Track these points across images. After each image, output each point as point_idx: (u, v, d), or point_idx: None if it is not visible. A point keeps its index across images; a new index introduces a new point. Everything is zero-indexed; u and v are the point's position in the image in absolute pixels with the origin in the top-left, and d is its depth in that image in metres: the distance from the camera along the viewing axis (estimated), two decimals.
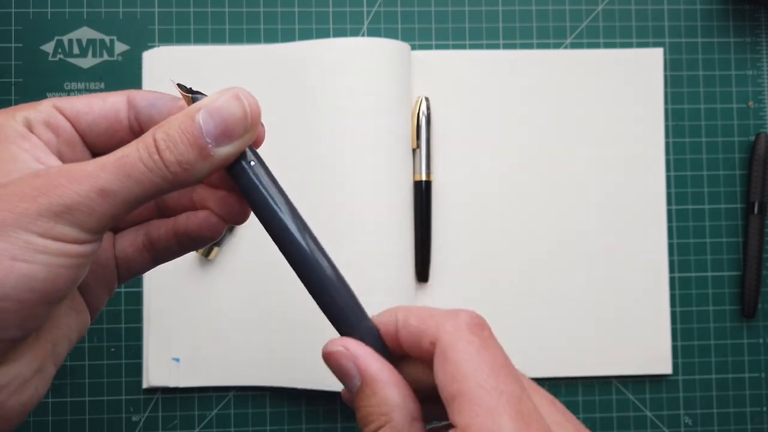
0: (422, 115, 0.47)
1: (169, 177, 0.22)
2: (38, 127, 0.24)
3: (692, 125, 0.50)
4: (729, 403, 0.49)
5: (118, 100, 0.26)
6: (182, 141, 0.22)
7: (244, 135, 0.23)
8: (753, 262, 0.49)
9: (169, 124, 0.23)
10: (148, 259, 0.28)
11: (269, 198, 0.24)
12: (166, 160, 0.22)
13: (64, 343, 0.25)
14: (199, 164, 0.23)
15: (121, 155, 0.22)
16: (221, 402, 0.48)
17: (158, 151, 0.22)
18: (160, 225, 0.28)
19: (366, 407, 0.23)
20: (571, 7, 0.50)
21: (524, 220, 0.49)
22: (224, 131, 0.23)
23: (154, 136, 0.22)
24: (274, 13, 0.50)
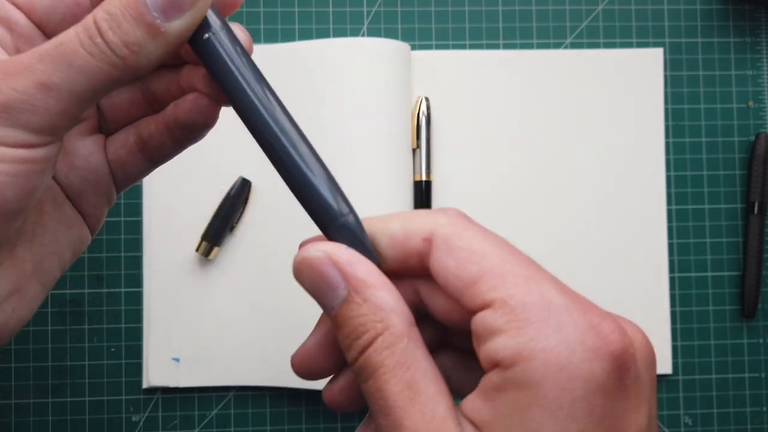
0: (422, 115, 0.47)
1: (117, 62, 0.19)
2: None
3: (692, 125, 0.50)
4: (729, 403, 0.49)
5: None
6: (126, 18, 0.19)
7: (195, 3, 0.20)
8: (753, 262, 0.49)
9: (110, 0, 0.19)
10: (143, 160, 0.25)
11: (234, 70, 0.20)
12: (110, 43, 0.19)
13: (52, 260, 0.23)
14: (150, 44, 0.19)
15: (60, 42, 0.19)
16: (221, 402, 0.48)
17: (100, 33, 0.19)
18: (150, 121, 0.25)
19: (355, 318, 0.19)
20: (571, 7, 0.50)
21: (524, 220, 0.49)
22: (171, 1, 0.19)
23: (95, 17, 0.19)
24: (274, 13, 0.50)
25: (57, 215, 0.23)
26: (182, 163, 0.48)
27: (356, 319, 0.19)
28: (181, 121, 0.24)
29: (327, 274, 0.19)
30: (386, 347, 0.18)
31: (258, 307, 0.47)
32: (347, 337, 0.19)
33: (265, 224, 0.47)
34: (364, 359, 0.18)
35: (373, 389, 0.18)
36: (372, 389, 0.18)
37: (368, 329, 0.18)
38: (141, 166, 0.25)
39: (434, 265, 0.19)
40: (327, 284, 0.19)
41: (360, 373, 0.19)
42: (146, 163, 0.25)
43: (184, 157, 0.48)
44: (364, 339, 0.19)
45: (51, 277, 0.23)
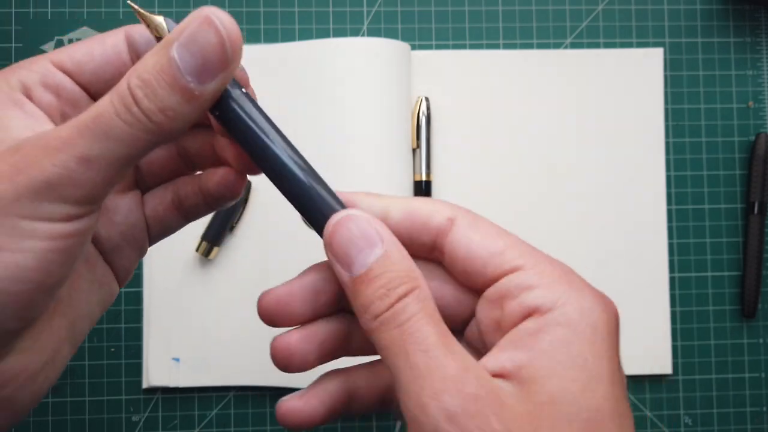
0: (422, 115, 0.47)
1: (153, 129, 0.19)
2: (36, 89, 0.21)
3: (692, 125, 0.50)
4: (729, 403, 0.49)
5: (117, 40, 0.23)
6: (161, 85, 0.19)
7: (228, 66, 0.20)
8: (753, 262, 0.49)
9: (144, 65, 0.20)
10: (178, 217, 0.26)
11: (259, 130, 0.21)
12: (146, 111, 0.19)
13: (84, 322, 0.23)
14: (185, 108, 0.20)
15: (97, 114, 0.19)
16: (221, 402, 0.48)
17: (136, 102, 0.19)
18: (187, 182, 0.26)
19: (392, 272, 0.20)
20: (571, 7, 0.50)
21: (524, 219, 0.49)
22: (204, 66, 0.19)
23: (129, 85, 0.19)
24: (274, 13, 0.50)
25: (89, 276, 0.23)
26: None
27: (393, 273, 0.20)
28: (210, 192, 0.25)
29: (368, 231, 0.21)
30: (423, 299, 0.20)
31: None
32: (382, 287, 0.20)
33: (265, 224, 0.47)
34: (402, 305, 0.19)
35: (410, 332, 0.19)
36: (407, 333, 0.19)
37: (404, 282, 0.20)
38: (176, 221, 0.26)
39: (458, 240, 0.21)
40: (367, 240, 0.20)
41: (392, 320, 0.19)
42: (181, 219, 0.26)
43: None
44: (402, 288, 0.20)
45: (81, 337, 0.23)
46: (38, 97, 0.21)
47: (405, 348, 0.19)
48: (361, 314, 0.20)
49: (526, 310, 0.20)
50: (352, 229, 0.21)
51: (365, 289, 0.20)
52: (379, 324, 0.20)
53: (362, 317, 0.20)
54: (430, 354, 0.19)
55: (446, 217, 0.22)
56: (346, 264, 0.21)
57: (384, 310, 0.20)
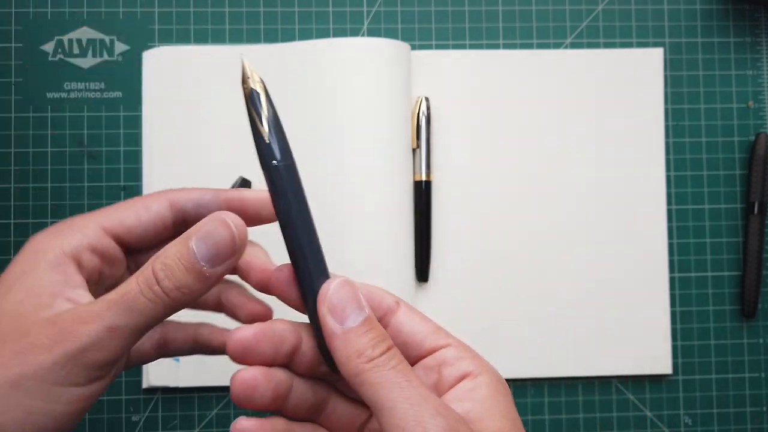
0: (422, 115, 0.47)
1: (169, 303, 0.24)
2: (85, 254, 0.26)
3: (692, 125, 0.50)
4: (729, 403, 0.49)
5: (161, 206, 0.27)
6: (179, 269, 0.24)
7: (234, 255, 0.25)
8: (753, 262, 0.49)
9: (167, 253, 0.24)
10: (158, 353, 0.30)
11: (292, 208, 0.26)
12: (165, 288, 0.24)
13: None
14: (197, 286, 0.24)
15: (124, 292, 0.24)
16: (221, 402, 0.48)
17: (158, 282, 0.24)
18: (177, 329, 0.30)
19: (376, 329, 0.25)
20: (571, 7, 0.50)
21: (524, 219, 0.49)
22: (216, 255, 0.24)
23: (154, 268, 0.24)
24: (274, 13, 0.50)
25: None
26: (182, 164, 0.48)
27: (378, 331, 0.25)
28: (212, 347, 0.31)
29: (358, 296, 0.25)
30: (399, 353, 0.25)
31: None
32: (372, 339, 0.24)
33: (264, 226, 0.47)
34: (392, 353, 0.24)
35: (403, 372, 0.24)
36: (401, 373, 0.24)
37: (386, 338, 0.25)
38: (154, 357, 0.30)
39: (402, 319, 0.27)
40: (357, 303, 0.25)
41: (386, 363, 0.24)
42: (156, 356, 0.30)
43: (185, 157, 0.48)
44: (388, 342, 0.24)
45: None
46: (86, 260, 0.26)
47: (400, 383, 0.23)
48: (352, 358, 0.24)
49: (461, 374, 0.26)
50: (348, 291, 0.25)
51: (358, 339, 0.24)
52: (374, 366, 0.24)
53: (352, 361, 0.24)
54: (421, 389, 0.23)
55: (394, 301, 0.27)
56: (340, 318, 0.24)
57: (378, 355, 0.24)
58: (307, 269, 0.26)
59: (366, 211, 0.46)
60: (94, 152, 0.48)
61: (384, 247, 0.45)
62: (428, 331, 0.27)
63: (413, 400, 0.23)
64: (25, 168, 0.48)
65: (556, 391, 0.49)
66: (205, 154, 0.47)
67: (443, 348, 0.26)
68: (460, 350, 0.26)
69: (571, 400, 0.49)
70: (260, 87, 0.28)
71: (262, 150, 0.26)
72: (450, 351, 0.26)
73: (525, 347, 0.48)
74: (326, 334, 0.25)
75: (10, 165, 0.48)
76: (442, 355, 0.26)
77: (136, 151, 0.48)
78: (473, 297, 0.48)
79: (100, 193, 0.48)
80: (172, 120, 0.48)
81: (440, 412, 0.23)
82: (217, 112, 0.48)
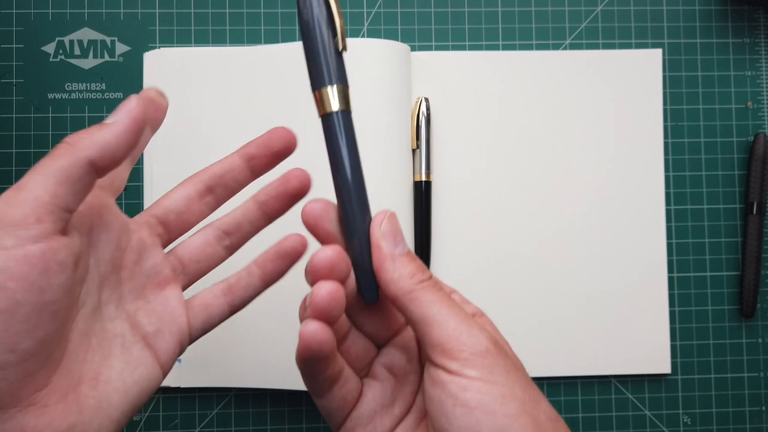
0: (422, 115, 0.48)
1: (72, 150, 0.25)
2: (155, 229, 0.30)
3: (691, 126, 0.51)
4: (728, 402, 0.49)
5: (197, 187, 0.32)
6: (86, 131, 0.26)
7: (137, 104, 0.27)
8: (752, 262, 0.49)
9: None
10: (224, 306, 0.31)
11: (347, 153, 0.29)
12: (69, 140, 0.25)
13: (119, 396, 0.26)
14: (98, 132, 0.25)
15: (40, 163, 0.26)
16: (222, 401, 0.48)
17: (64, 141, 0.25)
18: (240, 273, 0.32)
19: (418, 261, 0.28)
20: (570, 8, 0.51)
21: (524, 219, 0.49)
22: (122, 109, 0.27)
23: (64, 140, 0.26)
24: (275, 14, 0.50)
25: (124, 356, 0.27)
26: (183, 164, 0.48)
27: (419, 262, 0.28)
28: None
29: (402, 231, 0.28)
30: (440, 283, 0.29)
31: (259, 308, 0.47)
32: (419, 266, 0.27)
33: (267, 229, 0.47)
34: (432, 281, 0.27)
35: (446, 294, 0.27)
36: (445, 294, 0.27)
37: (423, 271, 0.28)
38: (220, 312, 0.31)
39: None
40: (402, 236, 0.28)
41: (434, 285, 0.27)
42: (225, 309, 0.31)
43: (185, 158, 0.48)
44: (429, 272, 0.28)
45: (117, 411, 0.26)
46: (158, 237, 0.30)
47: (448, 302, 0.27)
48: (405, 278, 0.27)
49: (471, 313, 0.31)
50: (397, 223, 0.28)
51: (409, 262, 0.27)
52: (424, 287, 0.27)
53: (404, 280, 0.27)
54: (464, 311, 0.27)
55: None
56: (394, 242, 0.28)
57: (427, 278, 0.27)
58: (356, 204, 0.28)
59: None
60: None
61: None
62: None
63: (461, 317, 0.26)
64: (26, 168, 0.48)
65: (555, 390, 0.49)
66: (205, 154, 0.48)
67: (452, 293, 0.30)
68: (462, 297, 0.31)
69: (570, 400, 0.49)
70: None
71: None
72: (457, 296, 0.31)
73: (524, 347, 0.48)
74: (381, 257, 0.27)
75: (12, 165, 0.48)
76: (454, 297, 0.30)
77: None
78: (473, 297, 0.48)
79: None
80: (172, 121, 0.48)
81: (482, 328, 0.26)
82: (218, 113, 0.48)
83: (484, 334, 0.26)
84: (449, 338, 0.26)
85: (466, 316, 0.26)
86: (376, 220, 0.28)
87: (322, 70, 0.28)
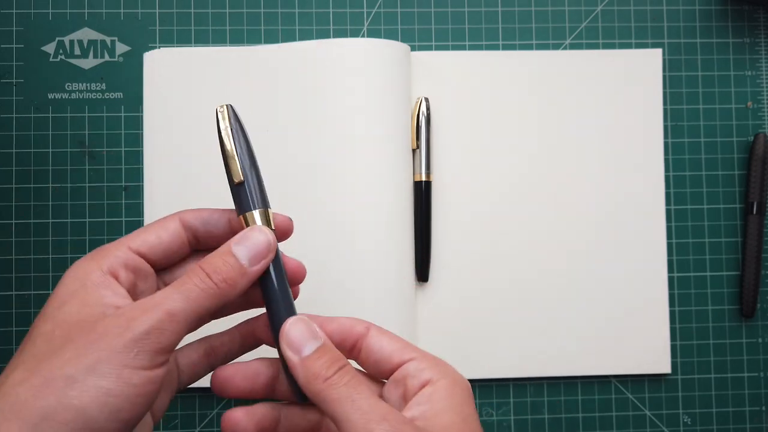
0: (422, 115, 0.48)
1: (218, 292, 0.28)
2: (121, 271, 0.29)
3: (691, 125, 0.51)
4: (728, 402, 0.49)
5: (175, 225, 0.31)
6: (224, 265, 0.29)
7: (268, 254, 0.30)
8: (752, 262, 0.49)
9: (212, 256, 0.29)
10: (206, 365, 0.33)
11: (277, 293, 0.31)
12: (215, 280, 0.28)
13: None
14: (240, 279, 0.29)
15: (180, 284, 0.28)
16: (222, 401, 0.48)
17: (208, 276, 0.28)
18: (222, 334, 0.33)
19: (329, 353, 0.29)
20: (570, 8, 0.51)
21: (524, 220, 0.49)
22: (254, 254, 0.29)
23: (201, 266, 0.28)
24: (275, 14, 0.50)
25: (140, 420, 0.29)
26: (183, 164, 0.48)
27: (331, 354, 0.29)
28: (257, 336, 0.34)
29: (312, 329, 0.30)
30: (351, 370, 0.29)
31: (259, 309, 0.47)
32: (326, 362, 0.28)
33: None
34: (344, 371, 0.28)
35: (353, 387, 0.28)
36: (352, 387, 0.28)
37: (339, 359, 0.29)
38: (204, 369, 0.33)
39: (372, 341, 0.31)
40: (311, 334, 0.29)
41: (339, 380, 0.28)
42: (207, 367, 0.33)
43: (186, 158, 0.48)
44: (340, 362, 0.29)
45: None
46: (122, 276, 0.29)
47: (351, 397, 0.27)
48: (311, 381, 0.28)
49: (423, 383, 0.29)
50: (302, 326, 0.30)
51: (313, 363, 0.28)
52: (329, 385, 0.28)
53: (311, 383, 0.28)
54: (370, 400, 0.27)
55: (364, 327, 0.31)
56: (297, 349, 0.29)
57: (332, 375, 0.28)
58: (284, 316, 0.30)
59: (366, 211, 0.46)
60: (95, 153, 0.49)
61: (384, 247, 0.46)
62: (396, 348, 0.30)
63: (363, 410, 0.27)
64: (27, 168, 0.48)
65: (555, 390, 0.49)
66: (205, 154, 0.48)
67: (408, 362, 0.30)
68: (423, 362, 0.30)
69: (570, 400, 0.49)
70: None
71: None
72: (413, 364, 0.30)
73: (524, 346, 0.48)
74: (291, 366, 0.29)
75: (12, 165, 0.48)
76: (407, 368, 0.30)
77: (137, 151, 0.48)
78: (473, 297, 0.48)
79: (101, 194, 0.48)
80: (173, 121, 0.48)
81: (386, 417, 0.26)
82: None
83: (382, 426, 0.26)
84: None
85: (369, 409, 0.27)
86: (282, 330, 0.30)
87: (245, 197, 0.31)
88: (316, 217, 0.46)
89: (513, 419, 0.49)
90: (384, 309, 0.45)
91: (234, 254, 0.29)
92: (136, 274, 0.30)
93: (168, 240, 0.31)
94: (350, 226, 0.45)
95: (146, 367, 0.26)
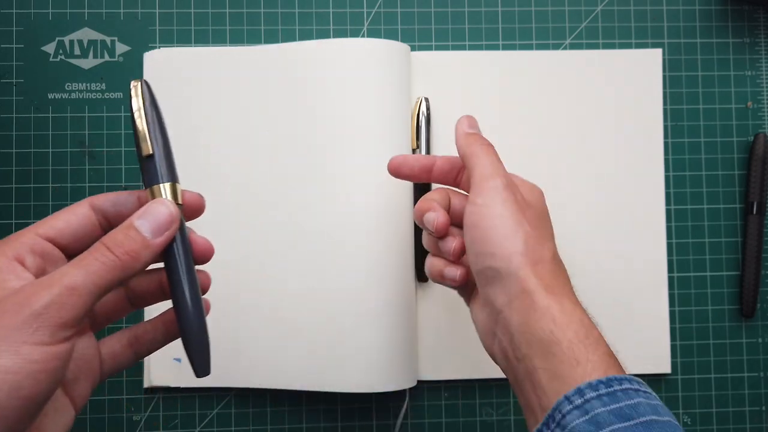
0: (422, 115, 0.48)
1: (119, 265, 0.28)
2: (27, 257, 0.29)
3: (691, 125, 0.51)
4: (728, 402, 0.49)
5: (83, 209, 0.31)
6: (127, 238, 0.28)
7: (171, 226, 0.30)
8: (752, 262, 0.49)
9: (114, 231, 0.29)
10: (130, 355, 0.33)
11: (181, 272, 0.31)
12: (116, 253, 0.28)
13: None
14: (143, 252, 0.29)
15: (80, 259, 0.28)
16: (222, 401, 0.48)
17: (110, 249, 0.28)
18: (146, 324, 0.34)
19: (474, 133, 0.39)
20: (570, 8, 0.51)
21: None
22: (156, 227, 0.29)
23: (103, 241, 0.28)
24: (275, 14, 0.50)
25: (52, 404, 0.29)
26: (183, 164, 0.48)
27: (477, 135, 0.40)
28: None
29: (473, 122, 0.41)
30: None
31: (259, 310, 0.47)
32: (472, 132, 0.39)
33: (264, 227, 0.47)
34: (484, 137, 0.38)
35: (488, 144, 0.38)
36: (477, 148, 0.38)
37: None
38: (128, 359, 0.33)
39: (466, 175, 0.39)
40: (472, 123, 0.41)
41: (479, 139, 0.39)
42: (132, 357, 0.33)
43: (185, 157, 0.48)
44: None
45: None
46: (29, 261, 0.29)
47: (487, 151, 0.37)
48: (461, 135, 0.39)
49: None
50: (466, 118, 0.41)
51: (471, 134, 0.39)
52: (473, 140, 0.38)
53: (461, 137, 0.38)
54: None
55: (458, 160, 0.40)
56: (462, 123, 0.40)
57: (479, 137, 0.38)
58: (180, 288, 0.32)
59: (366, 211, 0.46)
60: (95, 152, 0.49)
61: (384, 247, 0.46)
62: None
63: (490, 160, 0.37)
64: (27, 168, 0.48)
65: None
66: (205, 154, 0.48)
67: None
68: None
69: None
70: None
71: None
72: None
73: None
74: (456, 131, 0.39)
75: (12, 165, 0.48)
76: None
77: None
78: None
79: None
80: (172, 120, 0.48)
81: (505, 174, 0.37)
82: (218, 113, 0.48)
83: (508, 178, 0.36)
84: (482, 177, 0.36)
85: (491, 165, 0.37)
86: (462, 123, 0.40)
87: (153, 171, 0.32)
88: (316, 216, 0.46)
89: (513, 419, 0.49)
90: (384, 309, 0.45)
91: (136, 227, 0.29)
92: (45, 258, 0.29)
93: (76, 223, 0.30)
94: (350, 225, 0.45)
95: (47, 342, 0.25)
